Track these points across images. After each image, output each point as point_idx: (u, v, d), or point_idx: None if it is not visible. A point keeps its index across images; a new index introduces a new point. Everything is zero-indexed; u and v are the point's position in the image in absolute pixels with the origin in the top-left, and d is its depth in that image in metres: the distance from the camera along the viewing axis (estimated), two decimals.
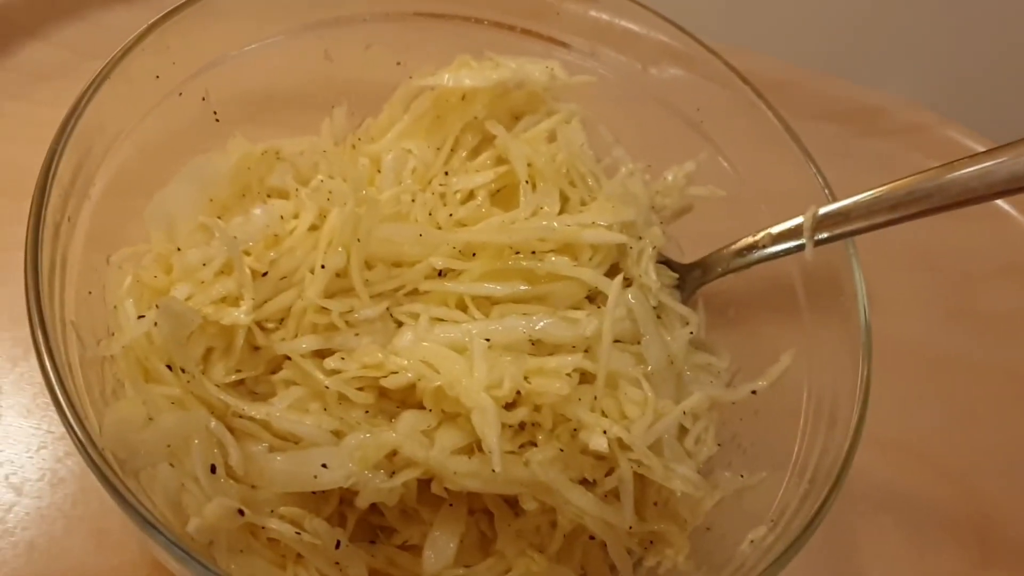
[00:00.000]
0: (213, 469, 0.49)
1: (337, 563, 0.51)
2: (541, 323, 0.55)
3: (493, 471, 0.50)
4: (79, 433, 0.43)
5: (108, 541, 0.58)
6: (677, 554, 0.55)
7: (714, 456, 0.60)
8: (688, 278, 0.65)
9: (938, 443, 0.75)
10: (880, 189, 0.56)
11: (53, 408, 0.44)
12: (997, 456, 0.74)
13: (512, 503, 0.55)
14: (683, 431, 0.60)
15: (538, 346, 0.56)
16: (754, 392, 0.60)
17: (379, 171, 0.64)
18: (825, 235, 0.58)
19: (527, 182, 0.61)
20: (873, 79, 0.98)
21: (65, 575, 0.57)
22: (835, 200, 0.59)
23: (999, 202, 0.90)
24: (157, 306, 0.51)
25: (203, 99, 0.62)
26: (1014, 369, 0.79)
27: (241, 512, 0.47)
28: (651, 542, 0.57)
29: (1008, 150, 0.52)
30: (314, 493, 0.53)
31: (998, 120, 0.93)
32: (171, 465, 0.48)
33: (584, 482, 0.54)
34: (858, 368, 0.54)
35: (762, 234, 0.61)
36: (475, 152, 0.66)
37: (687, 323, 0.61)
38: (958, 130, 0.93)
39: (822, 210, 0.58)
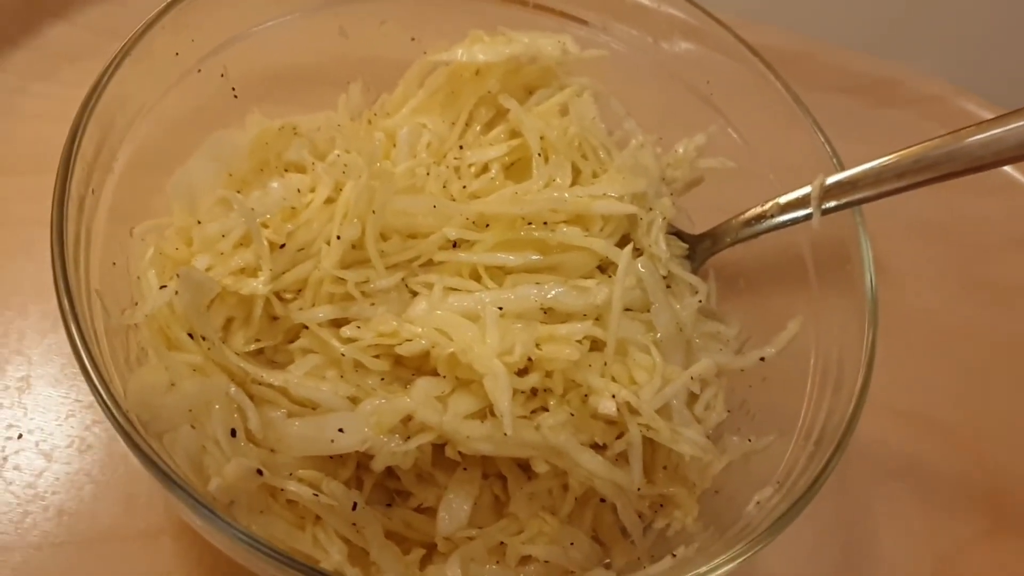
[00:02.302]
0: (233, 433, 0.51)
1: (354, 524, 0.53)
2: (552, 292, 0.56)
3: (505, 435, 0.52)
4: (104, 395, 0.44)
5: (135, 505, 0.60)
6: (686, 516, 0.57)
7: (723, 422, 0.61)
8: (698, 248, 0.65)
9: (951, 412, 0.76)
10: (887, 158, 0.57)
11: (81, 377, 0.45)
12: (1010, 425, 0.75)
13: (525, 467, 0.57)
14: (693, 398, 0.61)
15: (550, 314, 0.57)
16: (762, 359, 0.62)
17: (394, 145, 0.65)
18: (832, 204, 0.59)
19: (539, 155, 0.62)
20: (891, 51, 0.98)
21: (94, 537, 0.59)
22: (843, 169, 0.59)
23: (1014, 174, 0.90)
24: (178, 275, 0.53)
25: (222, 76, 0.63)
26: None
27: (260, 472, 0.49)
28: (661, 505, 0.59)
29: (1016, 116, 0.52)
30: (332, 457, 0.54)
31: (1018, 92, 0.93)
32: (192, 427, 0.50)
33: (595, 446, 0.56)
34: (864, 334, 0.55)
35: (770, 204, 0.62)
36: (489, 126, 0.67)
37: (696, 292, 0.63)
38: (974, 101, 0.93)
39: (829, 179, 0.59)
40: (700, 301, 0.62)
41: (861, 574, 0.66)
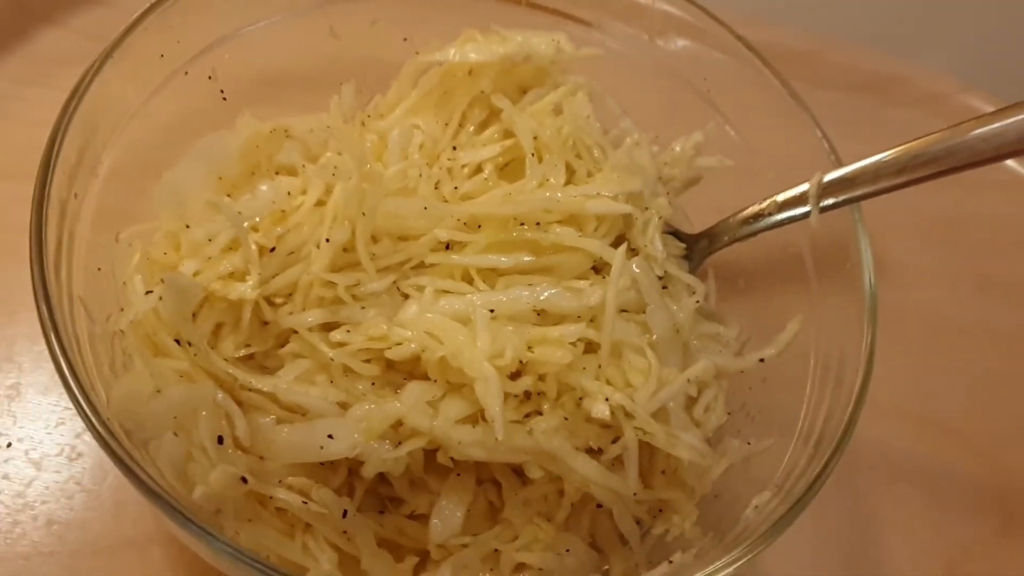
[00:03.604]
0: (220, 440, 0.50)
1: (344, 532, 0.52)
2: (545, 293, 0.55)
3: (496, 440, 0.51)
4: (83, 403, 0.44)
5: (125, 514, 0.60)
6: (684, 521, 0.55)
7: (723, 425, 0.60)
8: (696, 248, 0.64)
9: (960, 413, 0.74)
10: (886, 153, 0.56)
11: None
12: (1021, 425, 0.73)
13: (520, 473, 0.56)
14: (692, 401, 0.60)
15: (543, 316, 0.56)
16: (762, 360, 0.60)
17: (386, 147, 0.64)
18: (831, 201, 0.58)
19: (533, 155, 0.61)
20: (900, 49, 0.97)
21: (83, 547, 0.59)
22: (842, 166, 0.58)
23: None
24: (162, 280, 0.52)
25: (209, 78, 0.62)
26: None
27: (244, 480, 0.48)
28: (660, 510, 0.58)
29: (1017, 109, 0.51)
30: (322, 464, 0.53)
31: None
32: (175, 435, 0.49)
33: (590, 451, 0.55)
34: (863, 332, 0.54)
35: (768, 202, 0.61)
36: (483, 126, 0.66)
37: (694, 292, 0.61)
38: (981, 97, 0.91)
39: (827, 176, 0.58)
40: (698, 302, 0.61)
41: None
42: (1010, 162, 0.88)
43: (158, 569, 0.58)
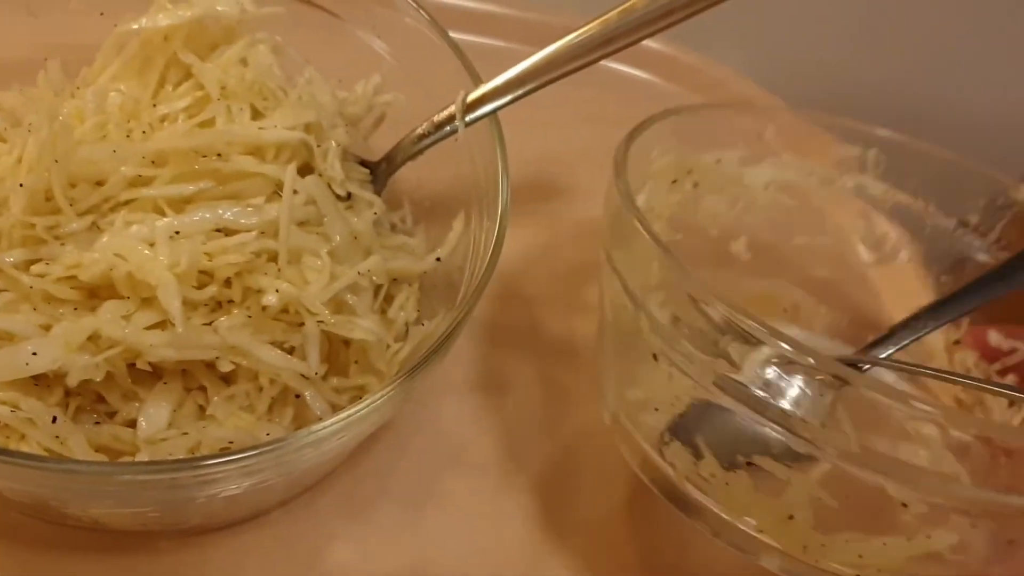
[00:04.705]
0: None
1: (57, 436, 0.58)
2: (226, 212, 0.63)
3: (183, 339, 0.58)
4: None
5: None
6: None
7: (415, 322, 0.69)
8: (378, 172, 0.73)
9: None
10: (511, 71, 0.66)
11: None
12: None
13: (226, 378, 0.63)
14: (389, 303, 0.69)
15: (227, 234, 0.63)
16: (438, 259, 0.69)
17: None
18: (475, 115, 0.67)
19: (220, 100, 0.69)
20: None
21: None
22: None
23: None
24: None
25: None
26: None
27: None
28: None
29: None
30: (37, 384, 0.59)
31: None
32: None
33: (282, 348, 0.62)
34: (496, 221, 0.63)
35: (427, 123, 0.70)
36: (180, 85, 0.73)
37: (372, 206, 0.70)
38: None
39: (470, 96, 0.68)
40: (375, 213, 0.69)
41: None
42: None
43: None
